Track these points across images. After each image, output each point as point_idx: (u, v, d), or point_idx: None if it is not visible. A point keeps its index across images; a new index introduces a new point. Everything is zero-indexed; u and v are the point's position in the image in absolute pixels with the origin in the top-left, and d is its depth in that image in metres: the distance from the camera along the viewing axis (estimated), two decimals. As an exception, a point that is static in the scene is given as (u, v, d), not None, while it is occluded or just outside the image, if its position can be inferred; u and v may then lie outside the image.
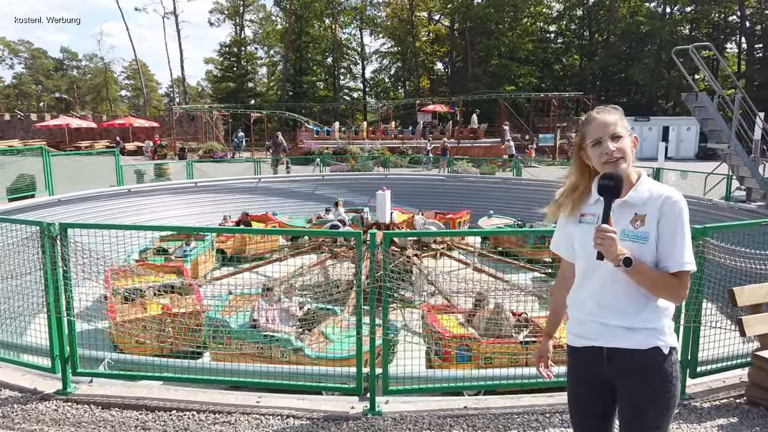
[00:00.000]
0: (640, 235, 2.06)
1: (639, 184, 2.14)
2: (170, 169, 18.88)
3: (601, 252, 1.99)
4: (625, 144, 2.11)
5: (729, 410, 4.03)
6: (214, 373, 4.31)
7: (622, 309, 2.10)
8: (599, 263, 2.04)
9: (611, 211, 2.03)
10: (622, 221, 2.10)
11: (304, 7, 52.08)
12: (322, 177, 20.79)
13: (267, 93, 59.07)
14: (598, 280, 2.14)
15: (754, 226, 4.68)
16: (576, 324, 2.25)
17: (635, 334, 2.08)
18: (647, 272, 2.02)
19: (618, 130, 2.11)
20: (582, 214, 2.23)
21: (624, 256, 1.95)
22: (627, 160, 2.11)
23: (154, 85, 74.54)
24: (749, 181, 12.80)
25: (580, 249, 2.21)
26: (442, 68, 58.20)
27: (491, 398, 4.21)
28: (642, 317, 2.09)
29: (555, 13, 54.07)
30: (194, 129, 39.56)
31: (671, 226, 2.04)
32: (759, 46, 45.44)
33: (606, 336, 2.13)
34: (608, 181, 2.02)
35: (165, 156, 31.20)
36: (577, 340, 2.24)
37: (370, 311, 4.09)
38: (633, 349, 2.08)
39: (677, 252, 2.03)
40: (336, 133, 32.96)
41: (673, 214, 2.04)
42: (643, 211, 2.08)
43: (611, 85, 48.93)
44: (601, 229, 1.98)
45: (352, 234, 4.37)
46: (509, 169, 22.83)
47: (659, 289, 2.04)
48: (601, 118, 2.14)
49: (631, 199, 2.11)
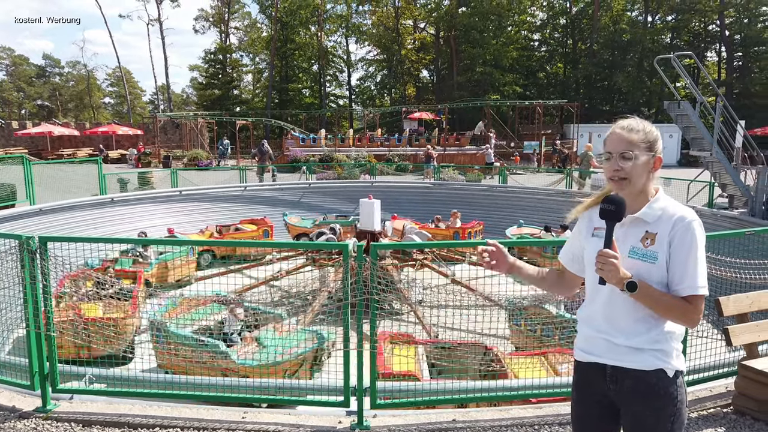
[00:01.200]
0: (649, 254, 2.01)
1: (654, 201, 2.08)
2: (154, 177, 18.69)
3: (602, 277, 1.96)
4: (634, 165, 2.03)
5: (717, 420, 4.03)
6: (198, 388, 4.23)
7: (629, 328, 2.06)
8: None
9: (614, 234, 1.99)
10: (632, 238, 2.06)
11: (289, 15, 52.11)
12: (308, 185, 20.71)
13: (252, 100, 58.90)
14: (606, 296, 2.09)
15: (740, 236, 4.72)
16: (583, 339, 2.22)
17: (640, 355, 2.04)
18: (656, 295, 1.97)
19: (629, 152, 2.03)
20: (595, 227, 2.18)
21: (628, 281, 1.91)
22: (632, 182, 2.05)
23: (138, 93, 74.00)
24: (731, 188, 12.96)
25: (589, 263, 2.17)
26: (427, 76, 58.53)
27: (480, 411, 4.18)
28: (649, 338, 2.04)
29: (539, 21, 54.72)
30: (179, 137, 39.29)
31: (684, 248, 1.98)
32: (738, 55, 46.28)
33: (611, 354, 2.09)
34: (609, 206, 1.97)
35: (149, 164, 30.91)
36: (584, 355, 2.21)
37: (358, 323, 4.04)
38: (637, 369, 2.04)
39: (689, 275, 1.96)
40: (322, 140, 32.91)
41: (686, 235, 1.98)
42: (655, 229, 2.03)
43: (595, 93, 49.51)
44: (602, 254, 1.94)
45: (337, 246, 4.33)
46: (489, 177, 23.04)
47: (670, 312, 1.99)
48: (618, 134, 2.08)
49: (644, 216, 2.05)
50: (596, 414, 2.21)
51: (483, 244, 2.43)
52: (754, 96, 41.82)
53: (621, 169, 2.04)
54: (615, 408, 2.15)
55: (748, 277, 4.54)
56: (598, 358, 2.13)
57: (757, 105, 40.62)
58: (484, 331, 5.02)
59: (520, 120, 40.78)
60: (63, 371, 4.34)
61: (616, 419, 2.17)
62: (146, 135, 40.04)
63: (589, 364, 2.18)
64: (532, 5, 52.43)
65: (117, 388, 4.38)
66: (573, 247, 2.34)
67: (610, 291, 2.04)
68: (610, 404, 2.16)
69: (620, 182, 2.05)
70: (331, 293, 8.45)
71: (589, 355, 2.17)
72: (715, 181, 13.72)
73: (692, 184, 14.95)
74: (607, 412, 2.18)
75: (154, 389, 4.23)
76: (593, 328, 2.15)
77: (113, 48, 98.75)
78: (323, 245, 8.65)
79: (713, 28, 48.17)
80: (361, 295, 3.94)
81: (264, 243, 13.52)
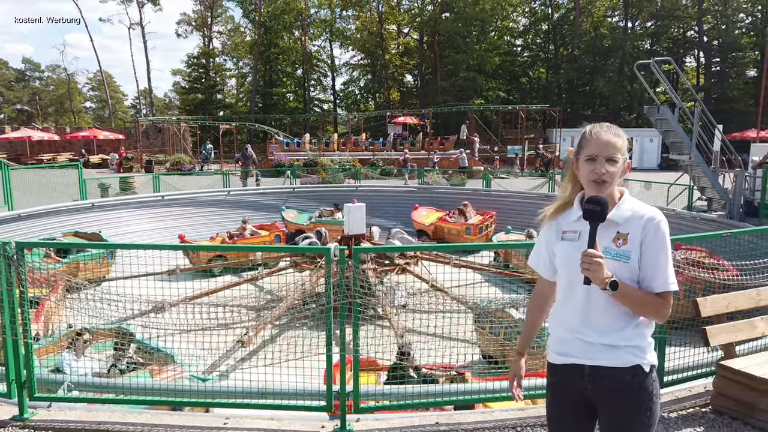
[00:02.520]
0: (622, 254, 2.07)
1: (622, 203, 2.14)
2: (136, 182, 18.51)
3: (587, 277, 2.00)
4: (617, 169, 2.10)
5: (696, 419, 4.09)
6: (180, 395, 4.19)
7: (604, 326, 2.10)
8: (580, 280, 2.05)
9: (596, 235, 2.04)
10: (605, 239, 2.10)
11: (273, 19, 51.97)
12: (292, 189, 20.66)
13: (236, 105, 58.59)
14: (580, 297, 2.13)
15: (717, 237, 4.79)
16: (558, 341, 2.24)
17: (617, 352, 2.08)
18: (633, 293, 2.03)
19: (616, 155, 2.10)
20: (563, 231, 2.22)
21: (610, 280, 1.97)
22: (612, 185, 2.11)
23: (119, 97, 73.19)
24: (710, 191, 13.18)
25: (561, 266, 2.21)
26: (411, 81, 58.69)
27: (463, 413, 4.19)
28: (624, 335, 2.08)
29: (521, 27, 55.21)
30: (161, 141, 38.94)
31: (655, 246, 2.05)
32: (716, 60, 47.11)
33: (588, 353, 2.12)
34: (594, 206, 2.01)
35: (131, 169, 30.60)
36: (559, 357, 2.22)
37: (341, 327, 4.04)
38: (614, 367, 2.08)
39: (661, 272, 2.04)
40: (306, 144, 32.85)
41: (657, 234, 2.06)
42: (626, 230, 2.09)
43: (576, 98, 50.05)
44: (587, 254, 1.98)
45: (320, 250, 4.32)
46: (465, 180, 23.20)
47: (645, 309, 2.06)
48: (605, 138, 2.11)
49: (614, 218, 2.10)
50: (572, 413, 2.24)
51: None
52: (732, 101, 42.59)
53: (607, 172, 2.08)
54: (591, 406, 2.18)
55: (726, 278, 4.62)
56: (575, 359, 2.16)
57: (734, 110, 41.36)
58: (459, 334, 5.02)
59: (503, 124, 41.07)
60: (41, 378, 4.27)
61: (593, 417, 2.21)
62: (128, 139, 39.63)
63: (565, 366, 2.20)
64: (515, 11, 52.91)
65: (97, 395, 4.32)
66: (542, 256, 2.36)
67: (587, 291, 2.08)
68: (587, 403, 2.18)
69: (603, 185, 2.09)
70: (307, 298, 8.38)
71: (566, 357, 2.19)
72: (694, 184, 13.94)
73: (672, 187, 15.17)
74: (584, 411, 2.21)
75: (134, 395, 4.18)
76: (568, 329, 2.18)
77: (94, 52, 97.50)
78: (306, 249, 8.63)
79: (692, 34, 49.01)
80: (344, 299, 3.94)
81: (246, 247, 13.38)
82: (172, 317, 4.59)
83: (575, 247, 2.12)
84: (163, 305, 6.42)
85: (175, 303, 6.52)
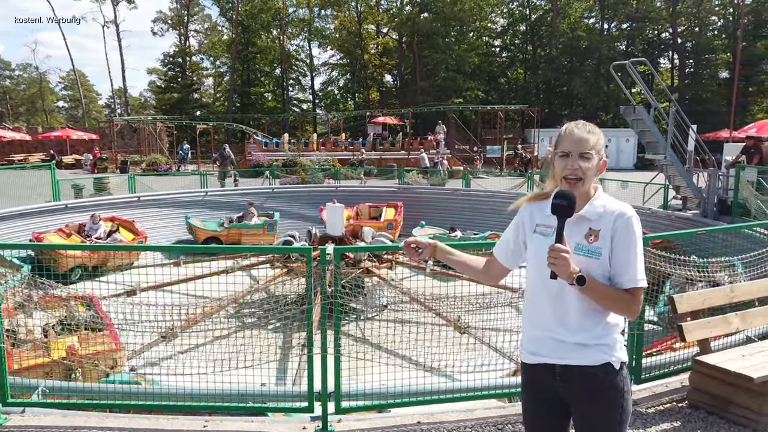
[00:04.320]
0: (593, 250, 2.07)
1: (595, 199, 2.14)
2: (111, 183, 18.18)
3: (554, 271, 2.00)
4: (590, 166, 2.11)
5: (672, 414, 4.14)
6: (157, 398, 4.12)
7: (575, 324, 2.10)
8: (548, 276, 2.04)
9: (564, 229, 2.03)
10: (577, 235, 2.10)
11: (250, 18, 51.55)
12: (271, 189, 20.49)
13: (214, 104, 57.98)
14: (550, 293, 2.13)
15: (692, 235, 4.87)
16: (529, 340, 2.24)
17: (587, 350, 2.08)
18: (601, 289, 2.03)
19: (590, 152, 2.10)
20: (537, 224, 2.22)
21: (577, 275, 1.97)
22: (585, 183, 2.11)
23: (94, 96, 71.81)
24: (684, 190, 13.41)
25: (531, 260, 2.21)
26: (391, 81, 58.70)
27: (444, 412, 4.19)
28: (595, 333, 2.09)
29: (499, 28, 55.63)
30: (137, 141, 38.37)
31: (625, 243, 2.05)
32: (690, 62, 48.02)
33: (559, 352, 2.12)
34: (561, 201, 2.01)
35: (105, 169, 30.09)
36: (530, 356, 2.22)
37: (321, 327, 4.01)
38: (585, 365, 2.09)
39: (631, 269, 2.05)
40: (285, 144, 32.65)
41: (627, 231, 2.06)
42: (598, 226, 2.09)
43: (554, 98, 50.59)
44: (554, 249, 1.98)
45: (302, 250, 4.28)
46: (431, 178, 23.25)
47: (614, 305, 2.06)
48: (578, 135, 2.12)
49: (587, 214, 2.11)
50: (547, 412, 2.25)
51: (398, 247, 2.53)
52: (705, 102, 43.42)
53: (579, 168, 2.09)
54: (566, 405, 2.19)
55: (702, 275, 4.69)
56: (546, 358, 2.16)
57: (707, 110, 42.16)
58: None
59: (482, 125, 41.32)
60: (14, 384, 4.17)
61: (568, 416, 2.22)
62: (102, 140, 38.97)
63: (537, 365, 2.20)
64: (493, 11, 53.27)
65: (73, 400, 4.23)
66: (508, 241, 2.36)
67: (558, 287, 2.08)
68: (561, 402, 2.20)
69: (575, 182, 2.10)
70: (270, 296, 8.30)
71: (537, 356, 2.19)
72: (669, 183, 14.18)
73: (648, 186, 15.41)
74: (558, 408, 2.22)
75: (110, 400, 4.10)
76: (539, 328, 2.18)
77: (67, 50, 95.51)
78: (289, 249, 8.57)
79: (666, 36, 49.88)
80: (325, 299, 3.91)
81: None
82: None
83: (548, 241, 2.10)
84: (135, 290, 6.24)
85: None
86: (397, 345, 5.43)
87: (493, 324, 6.19)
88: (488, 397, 4.20)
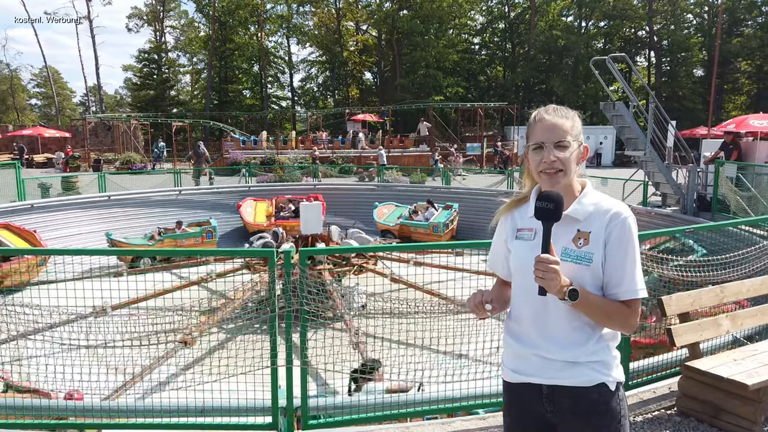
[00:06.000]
0: (583, 256, 1.78)
1: (583, 197, 1.85)
2: (79, 182, 17.58)
3: (542, 286, 1.70)
4: (569, 155, 1.81)
5: (661, 422, 3.93)
6: (106, 415, 3.76)
7: (564, 340, 1.81)
8: (533, 285, 1.74)
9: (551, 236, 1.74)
10: (563, 239, 1.81)
11: (228, 14, 50.73)
12: (248, 188, 20.06)
13: (190, 101, 57.01)
14: (535, 305, 1.83)
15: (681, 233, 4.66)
16: (512, 357, 1.94)
17: (579, 369, 1.80)
18: (595, 303, 1.75)
19: (565, 139, 1.81)
20: (518, 228, 1.93)
21: (569, 289, 1.68)
22: (568, 174, 1.82)
23: (67, 94, 70.20)
24: (664, 186, 13.35)
25: (515, 269, 1.92)
26: (371, 78, 58.34)
27: (420, 426, 3.92)
28: (587, 349, 1.80)
29: (478, 25, 55.60)
30: (111, 139, 37.49)
31: (621, 248, 1.77)
32: (666, 60, 48.54)
33: (547, 371, 1.84)
34: (546, 204, 1.71)
35: (78, 168, 29.26)
36: (514, 375, 1.93)
37: (286, 336, 3.70)
38: (576, 386, 1.80)
39: (627, 278, 1.77)
40: (263, 142, 32.17)
41: (623, 234, 1.77)
42: (587, 227, 1.80)
43: (533, 96, 50.71)
44: (541, 260, 1.69)
45: (263, 253, 3.97)
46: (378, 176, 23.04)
47: (610, 320, 1.78)
48: (549, 120, 1.83)
49: (574, 213, 1.81)
50: None
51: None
52: (682, 99, 43.92)
53: (557, 159, 1.79)
54: (551, 426, 1.90)
55: (689, 275, 4.49)
56: (531, 377, 1.87)
57: (684, 108, 42.67)
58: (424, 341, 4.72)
59: (462, 122, 41.23)
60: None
61: None
62: (75, 138, 37.98)
63: (521, 385, 1.91)
64: (472, 9, 53.22)
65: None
66: (498, 256, 2.07)
67: (542, 299, 1.78)
68: (546, 425, 1.90)
69: (556, 175, 1.80)
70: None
71: (521, 375, 1.90)
72: (648, 180, 14.11)
73: (627, 183, 15.36)
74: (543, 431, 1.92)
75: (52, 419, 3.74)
76: (523, 343, 1.89)
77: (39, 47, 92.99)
78: (251, 252, 8.21)
79: (643, 35, 50.33)
80: (290, 306, 3.60)
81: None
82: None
83: (530, 247, 1.83)
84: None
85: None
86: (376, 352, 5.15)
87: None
88: (469, 408, 3.93)
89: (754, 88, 46.56)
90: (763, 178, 11.14)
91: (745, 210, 10.83)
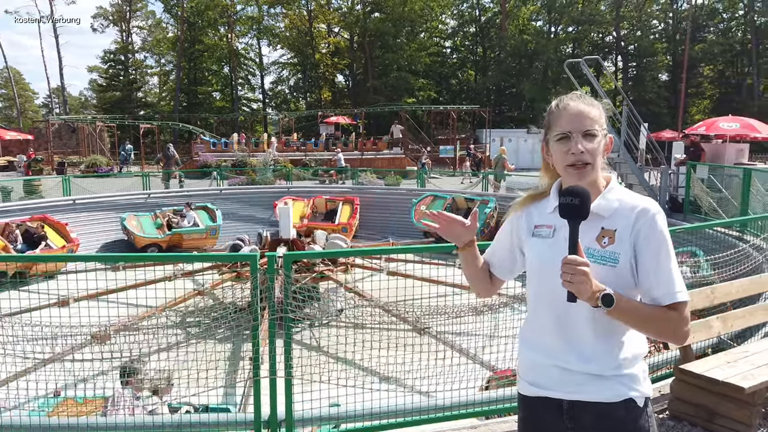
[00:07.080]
0: (608, 256, 1.62)
1: (607, 192, 1.70)
2: (43, 185, 16.93)
3: (572, 292, 1.52)
4: (598, 146, 1.66)
5: (655, 427, 3.85)
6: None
7: (587, 350, 1.65)
8: (553, 288, 1.60)
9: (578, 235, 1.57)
10: (585, 237, 1.64)
11: (196, 15, 49.89)
12: (219, 191, 19.64)
13: (158, 103, 55.82)
14: (557, 310, 1.67)
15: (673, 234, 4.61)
16: (529, 368, 1.78)
17: (604, 383, 1.64)
18: (635, 308, 1.57)
19: (594, 128, 1.66)
20: (536, 225, 1.77)
21: (602, 293, 1.50)
22: (596, 167, 1.67)
23: (29, 95, 68.08)
24: (637, 188, 13.48)
25: (532, 270, 1.75)
26: (343, 81, 58.10)
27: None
28: (613, 361, 1.64)
29: (450, 29, 55.93)
30: (75, 142, 36.41)
31: (653, 246, 1.60)
32: (633, 65, 49.60)
33: (567, 385, 1.67)
34: (572, 199, 1.55)
35: (41, 171, 28.30)
36: (530, 388, 1.76)
37: (270, 345, 3.50)
38: (600, 402, 1.63)
39: (664, 278, 1.59)
40: (235, 145, 31.68)
41: (653, 232, 1.61)
42: (613, 225, 1.64)
43: (504, 100, 51.20)
44: (569, 262, 1.51)
45: (246, 257, 3.76)
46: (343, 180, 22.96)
47: (654, 328, 1.60)
48: (576, 108, 1.68)
49: (598, 210, 1.65)
50: None
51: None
52: (648, 103, 44.88)
53: (586, 150, 1.64)
54: None
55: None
56: (549, 391, 1.71)
57: (650, 111, 43.56)
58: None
59: (435, 125, 41.35)
60: None
61: None
62: (38, 140, 36.72)
63: (538, 399, 1.74)
64: (443, 13, 53.49)
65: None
66: (501, 250, 1.91)
67: (557, 302, 1.63)
68: None
69: (584, 168, 1.65)
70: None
71: (538, 388, 1.74)
72: (622, 181, 14.24)
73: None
74: None
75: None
76: (542, 353, 1.73)
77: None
78: (231, 257, 7.95)
79: (610, 40, 51.33)
80: (273, 313, 3.41)
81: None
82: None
83: (548, 245, 1.69)
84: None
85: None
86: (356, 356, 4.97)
87: (461, 328, 5.82)
88: (463, 416, 3.79)
89: (717, 92, 47.96)
90: (734, 179, 11.33)
91: (717, 211, 11.00)
